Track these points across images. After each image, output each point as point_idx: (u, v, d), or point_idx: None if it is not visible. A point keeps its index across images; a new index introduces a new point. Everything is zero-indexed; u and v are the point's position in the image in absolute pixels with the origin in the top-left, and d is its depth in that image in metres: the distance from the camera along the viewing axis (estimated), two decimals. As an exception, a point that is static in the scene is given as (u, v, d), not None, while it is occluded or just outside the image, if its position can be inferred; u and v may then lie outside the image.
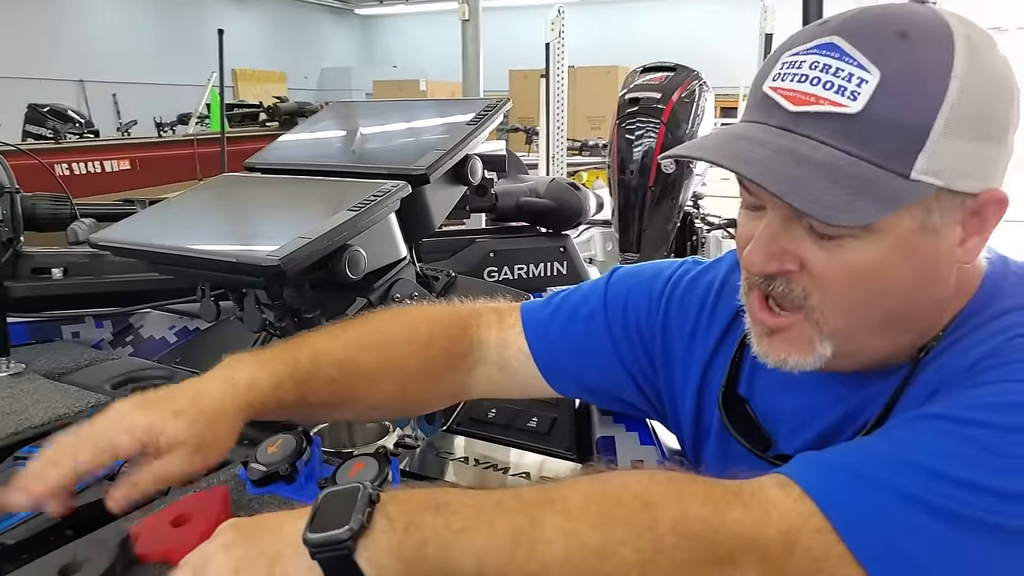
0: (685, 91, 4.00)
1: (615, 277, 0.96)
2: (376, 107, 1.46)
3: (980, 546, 0.53)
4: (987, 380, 0.61)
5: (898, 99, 0.60)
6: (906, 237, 0.63)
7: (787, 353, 0.70)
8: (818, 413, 0.77)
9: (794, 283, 0.67)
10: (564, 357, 0.94)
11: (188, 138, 5.58)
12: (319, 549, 0.57)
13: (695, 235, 4.52)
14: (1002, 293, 0.69)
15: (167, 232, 1.08)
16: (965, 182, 0.62)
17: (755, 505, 0.56)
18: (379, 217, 1.04)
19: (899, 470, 0.56)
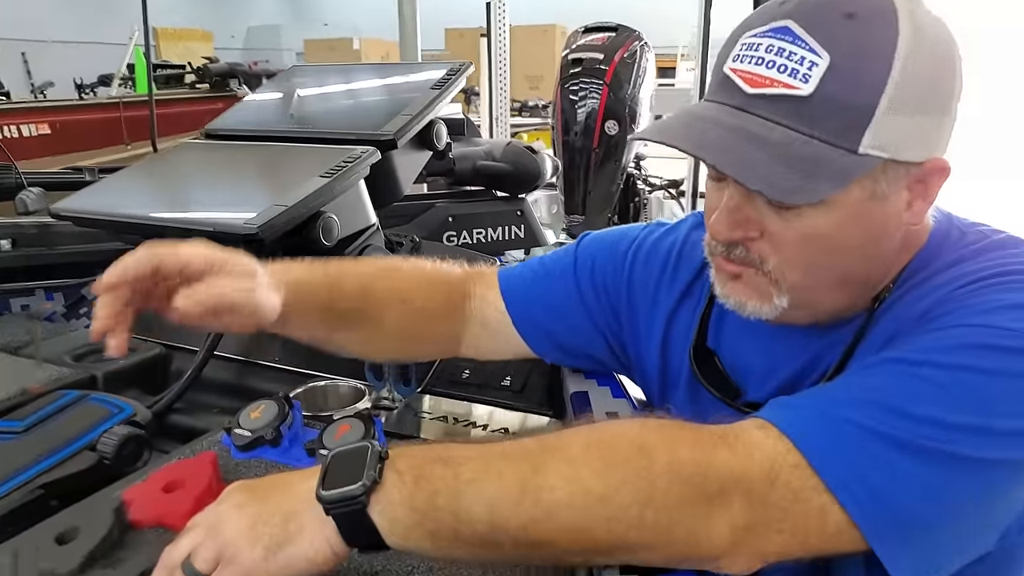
0: (627, 52, 4.03)
1: (584, 241, 1.02)
2: (338, 70, 1.44)
3: (934, 472, 0.59)
4: (937, 327, 0.67)
5: (846, 80, 0.65)
6: (857, 206, 0.68)
7: (747, 297, 0.76)
8: (782, 362, 0.83)
9: (753, 250, 0.73)
10: (539, 316, 1.00)
11: (113, 100, 5.31)
12: (333, 505, 0.59)
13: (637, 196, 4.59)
14: (946, 247, 0.76)
15: (134, 201, 1.06)
16: (909, 153, 0.67)
17: (739, 446, 0.62)
18: (351, 183, 1.04)
19: (863, 409, 0.62)
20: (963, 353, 0.62)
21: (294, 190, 0.96)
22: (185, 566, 0.60)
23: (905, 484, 0.59)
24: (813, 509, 0.60)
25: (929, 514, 0.60)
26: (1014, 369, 0.61)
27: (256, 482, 0.66)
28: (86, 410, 0.99)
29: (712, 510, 0.59)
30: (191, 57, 7.03)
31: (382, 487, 0.60)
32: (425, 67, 1.31)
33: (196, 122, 5.26)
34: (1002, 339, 0.62)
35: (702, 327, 0.90)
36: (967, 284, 0.69)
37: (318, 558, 0.60)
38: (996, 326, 0.63)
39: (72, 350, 1.23)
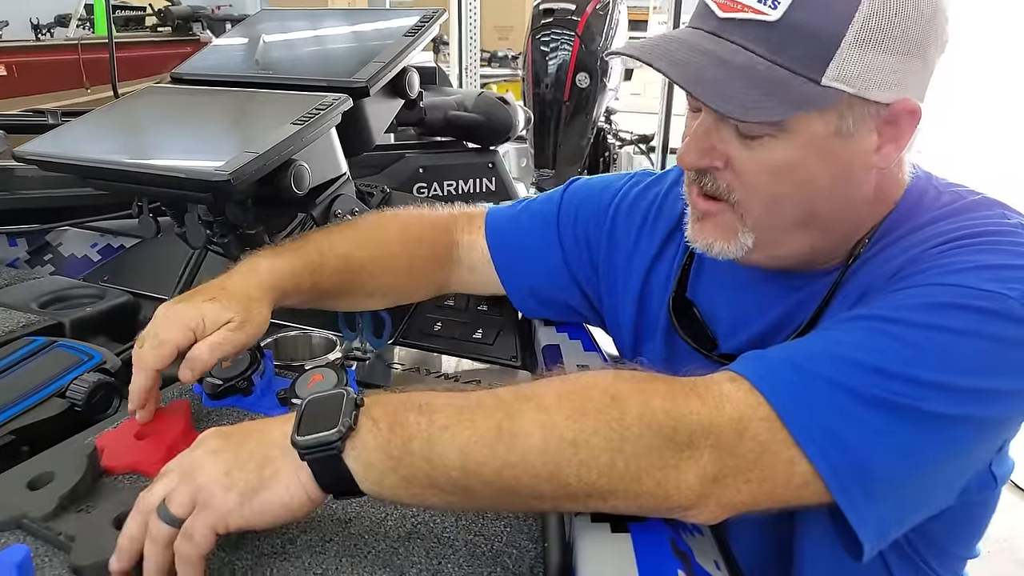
0: (599, 3, 4.00)
1: (571, 188, 1.05)
2: (308, 15, 1.40)
3: (902, 428, 0.61)
4: (908, 285, 0.68)
5: (813, 9, 0.66)
6: (820, 140, 0.70)
7: (713, 238, 0.78)
8: (756, 314, 0.85)
9: (720, 179, 0.75)
10: (517, 258, 1.03)
11: (71, 43, 5.12)
12: (308, 451, 0.60)
13: (608, 151, 4.58)
14: (922, 207, 0.77)
15: (101, 146, 1.04)
16: (877, 92, 0.68)
17: (709, 397, 0.63)
18: (322, 131, 1.03)
19: (834, 364, 0.63)
20: (935, 312, 0.64)
21: (265, 137, 0.95)
22: (160, 510, 0.60)
23: (873, 439, 0.61)
24: (781, 461, 0.61)
25: (894, 468, 0.61)
26: (984, 330, 0.63)
27: (231, 428, 0.67)
28: (55, 357, 0.98)
29: (681, 460, 0.60)
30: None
31: (357, 433, 0.61)
32: (397, 14, 1.29)
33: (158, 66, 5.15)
34: (974, 299, 0.63)
35: (682, 278, 0.92)
36: (941, 244, 0.71)
37: (293, 503, 0.61)
38: (968, 286, 0.64)
39: (38, 297, 1.22)
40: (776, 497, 0.63)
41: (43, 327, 1.10)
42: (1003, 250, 0.68)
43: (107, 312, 1.20)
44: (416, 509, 0.72)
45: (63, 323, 1.13)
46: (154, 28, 5.85)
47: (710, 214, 0.78)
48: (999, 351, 0.63)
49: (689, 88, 0.69)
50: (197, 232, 1.04)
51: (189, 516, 0.60)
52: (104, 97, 3.77)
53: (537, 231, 1.03)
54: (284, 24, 1.37)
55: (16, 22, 6.90)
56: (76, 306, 1.21)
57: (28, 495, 0.71)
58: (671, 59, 0.70)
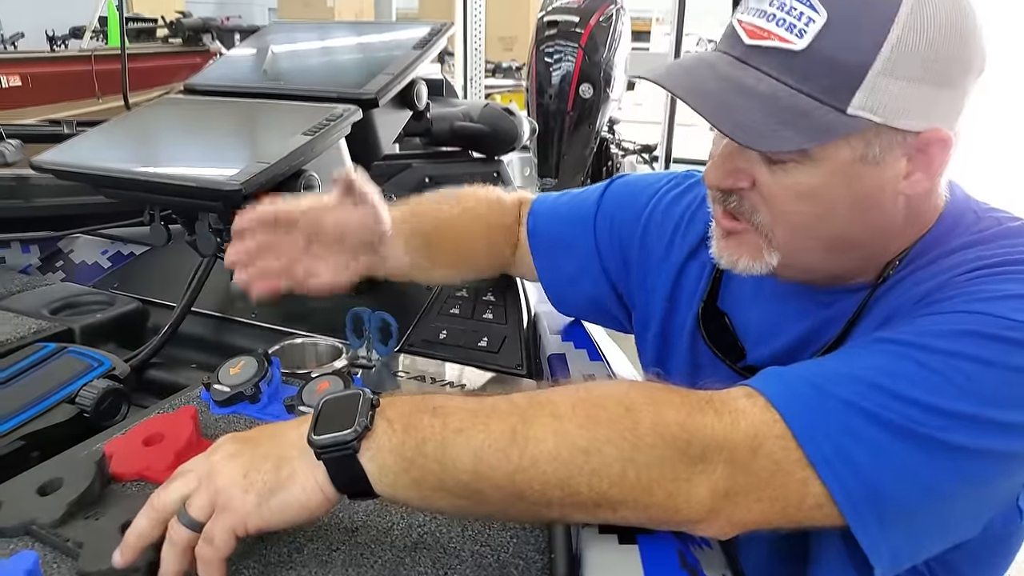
0: (603, 15, 4.03)
1: (615, 184, 1.08)
2: (319, 28, 1.42)
3: (919, 456, 0.60)
4: (935, 311, 0.67)
5: (840, 39, 0.65)
6: (847, 166, 0.69)
7: (739, 255, 0.78)
8: (784, 327, 0.84)
9: (746, 198, 0.75)
10: (553, 252, 1.07)
11: (85, 54, 5.18)
12: (324, 450, 0.61)
13: (611, 160, 4.60)
14: (958, 231, 0.76)
15: (116, 155, 1.05)
16: (906, 120, 0.67)
17: (725, 412, 0.62)
18: (332, 142, 1.04)
19: (852, 386, 0.62)
20: (960, 339, 0.62)
21: (277, 147, 0.97)
22: (180, 515, 0.61)
23: (888, 465, 0.60)
24: (794, 481, 0.60)
25: (909, 497, 0.60)
26: (1011, 361, 0.61)
27: (246, 433, 0.67)
28: (65, 363, 0.99)
29: (693, 473, 0.60)
30: (163, 11, 6.86)
31: (373, 433, 0.61)
32: (406, 26, 1.31)
33: (168, 76, 5.20)
34: (1002, 329, 0.62)
35: (714, 286, 0.92)
36: (973, 270, 0.69)
37: (310, 503, 0.61)
38: (997, 315, 0.63)
39: (49, 303, 1.23)
40: (788, 517, 0.62)
41: (53, 333, 1.12)
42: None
43: (116, 319, 1.21)
44: (422, 518, 0.73)
45: (73, 329, 1.14)
46: (165, 39, 5.91)
47: (735, 232, 0.77)
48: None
49: (710, 119, 0.68)
50: (207, 240, 1.06)
51: (209, 519, 0.61)
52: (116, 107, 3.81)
53: (575, 223, 1.06)
54: (294, 36, 1.39)
55: (32, 34, 6.99)
56: (86, 312, 1.22)
57: (37, 501, 0.71)
58: (693, 88, 0.70)
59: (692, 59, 0.75)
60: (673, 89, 0.71)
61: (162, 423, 0.85)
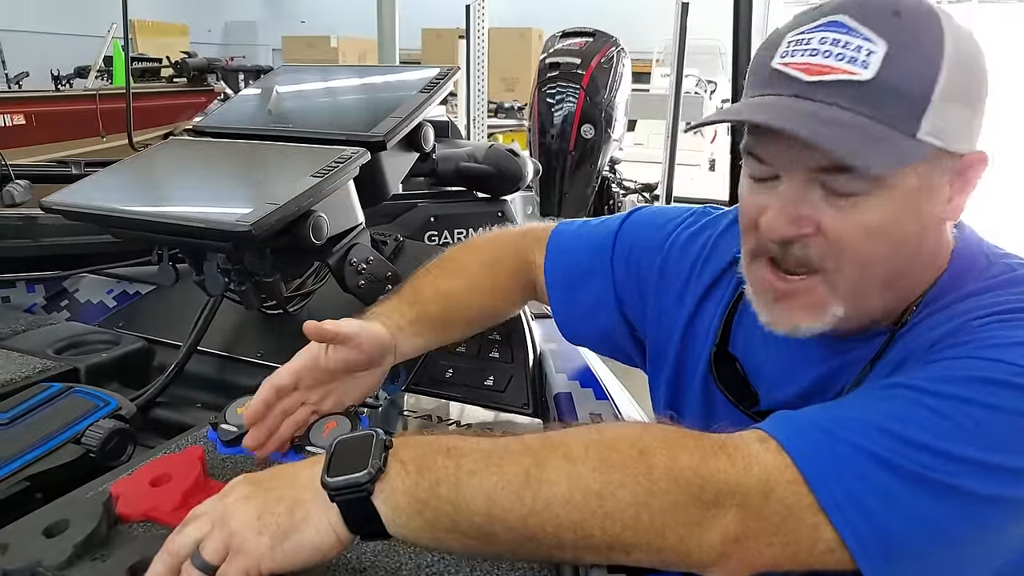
0: (604, 57, 4.09)
1: (634, 215, 1.07)
2: (326, 71, 1.45)
3: (930, 501, 0.60)
4: (946, 356, 0.67)
5: (904, 67, 0.67)
6: (912, 194, 0.70)
7: (799, 319, 0.75)
8: (799, 373, 0.83)
9: (812, 246, 0.72)
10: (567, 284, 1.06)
11: (89, 92, 5.24)
12: (338, 492, 0.61)
13: (612, 199, 4.63)
14: (971, 275, 0.76)
15: (125, 196, 1.06)
16: (959, 144, 0.70)
17: (738, 457, 0.62)
18: (341, 183, 1.05)
19: (864, 431, 0.62)
20: (970, 386, 0.63)
21: (285, 189, 0.98)
22: (194, 558, 0.61)
23: (899, 510, 0.60)
24: (806, 526, 0.61)
25: (920, 543, 0.60)
26: (1021, 407, 0.61)
27: (259, 475, 0.68)
28: (71, 403, 0.99)
29: (706, 518, 0.60)
30: (168, 51, 6.96)
31: (386, 475, 0.62)
32: (413, 70, 1.33)
33: (173, 115, 5.26)
34: (1012, 376, 0.62)
35: (725, 330, 0.91)
36: (985, 316, 0.70)
37: (324, 545, 0.62)
38: (1008, 362, 0.63)
39: (53, 343, 1.23)
40: (799, 562, 0.62)
41: (58, 373, 1.11)
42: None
43: (121, 358, 1.21)
44: (431, 558, 0.72)
45: (78, 369, 1.14)
46: (170, 79, 5.98)
47: (795, 293, 0.75)
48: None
49: (807, 136, 0.66)
50: (215, 280, 1.06)
51: (223, 563, 0.61)
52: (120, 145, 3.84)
53: (592, 252, 1.05)
54: (302, 79, 1.41)
55: (37, 73, 7.09)
56: (91, 352, 1.22)
57: (44, 543, 0.71)
58: (777, 116, 0.69)
59: (744, 104, 0.74)
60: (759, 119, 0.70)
61: (169, 463, 0.84)
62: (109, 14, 4.74)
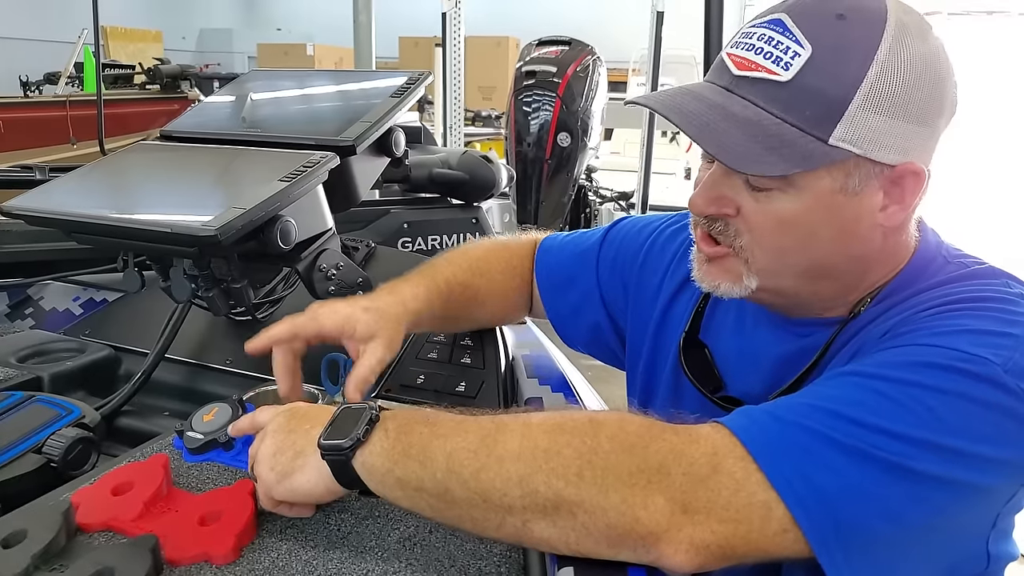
0: (580, 65, 4.13)
1: (620, 223, 1.13)
2: (297, 76, 1.44)
3: (877, 480, 0.61)
4: (896, 344, 0.70)
5: (823, 73, 0.70)
6: (827, 196, 0.73)
7: (720, 280, 0.81)
8: (762, 357, 0.87)
9: (730, 224, 0.78)
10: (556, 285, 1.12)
11: (59, 99, 5.16)
12: (326, 452, 0.70)
13: (588, 207, 4.66)
14: (927, 273, 0.79)
15: (89, 201, 1.05)
16: (883, 153, 0.71)
17: (684, 433, 0.65)
18: (309, 188, 1.05)
19: (811, 414, 0.64)
20: (917, 370, 0.65)
21: (253, 193, 0.97)
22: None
23: (848, 488, 0.61)
24: (757, 503, 0.61)
25: (869, 521, 0.61)
26: (968, 392, 0.63)
27: (298, 410, 0.78)
28: (33, 412, 0.97)
29: (651, 482, 0.62)
30: (141, 57, 6.88)
31: (368, 443, 0.69)
32: (384, 75, 1.32)
33: (145, 123, 5.20)
34: (958, 361, 0.64)
35: (695, 319, 0.95)
36: (933, 307, 0.72)
37: (315, 491, 0.72)
38: (956, 348, 0.65)
39: (17, 351, 1.21)
40: (752, 543, 0.62)
41: (21, 381, 1.09)
42: (993, 316, 0.69)
43: (87, 366, 1.19)
44: (398, 566, 0.72)
45: (42, 377, 1.12)
46: (143, 86, 5.91)
47: (716, 257, 0.81)
48: (980, 414, 0.63)
49: (695, 138, 0.72)
50: (182, 286, 1.05)
51: None
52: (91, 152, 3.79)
53: (579, 257, 1.11)
54: (273, 84, 1.40)
55: (4, 79, 6.98)
56: (56, 360, 1.20)
57: (1, 553, 0.69)
58: (681, 110, 0.74)
59: (680, 88, 0.78)
60: (661, 110, 0.75)
61: (132, 471, 0.83)
62: (80, 19, 4.68)
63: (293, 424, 0.75)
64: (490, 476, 0.64)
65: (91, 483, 0.82)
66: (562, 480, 0.62)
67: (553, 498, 0.62)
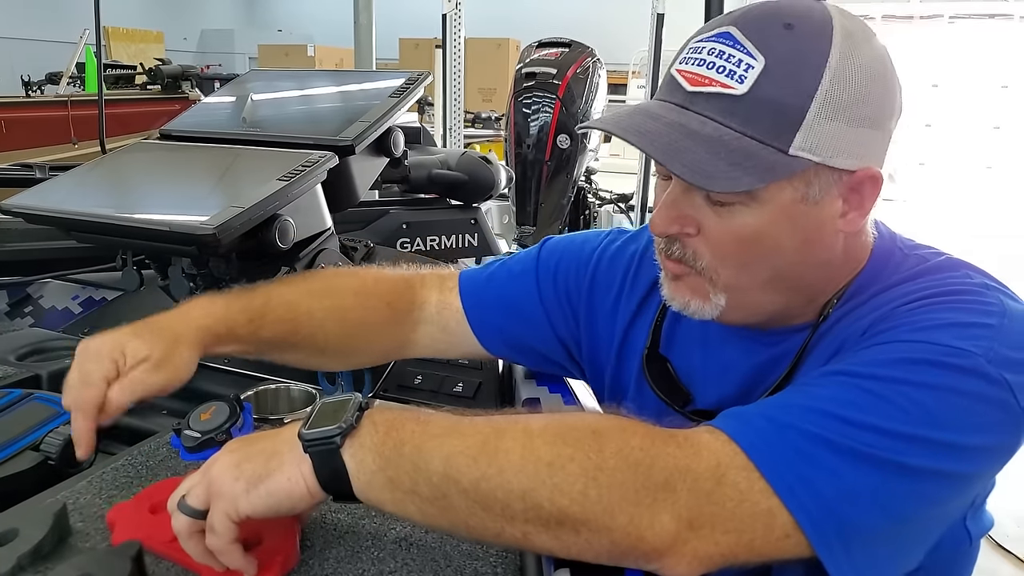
0: (580, 67, 4.12)
1: (548, 244, 1.05)
2: (296, 76, 1.44)
3: (876, 478, 0.62)
4: (879, 341, 0.70)
5: (779, 84, 0.69)
6: (789, 206, 0.72)
7: (689, 297, 0.79)
8: (731, 370, 0.86)
9: (688, 246, 0.76)
10: (494, 314, 1.03)
11: (61, 99, 5.17)
12: (311, 443, 0.64)
13: (588, 209, 4.65)
14: (888, 269, 0.79)
15: (89, 199, 1.05)
16: (841, 160, 0.71)
17: (687, 445, 0.64)
18: (308, 187, 1.05)
19: (807, 416, 0.64)
20: (905, 367, 0.65)
21: (251, 192, 0.97)
22: (180, 504, 0.66)
23: (848, 489, 0.61)
24: (760, 512, 0.61)
25: (870, 519, 0.62)
26: (955, 386, 0.64)
27: (248, 435, 0.72)
28: (30, 409, 0.96)
29: (656, 500, 0.61)
30: (142, 58, 6.90)
31: (357, 432, 0.65)
32: (383, 75, 1.33)
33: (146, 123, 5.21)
34: (942, 356, 0.65)
35: (655, 334, 0.93)
36: (909, 302, 0.73)
37: (294, 493, 0.65)
38: (937, 343, 0.66)
39: (16, 349, 1.21)
40: (755, 550, 0.62)
41: (20, 379, 1.09)
42: (968, 309, 0.70)
43: (86, 365, 1.19)
44: (394, 565, 0.72)
45: (40, 375, 1.12)
46: (144, 86, 5.92)
47: (684, 276, 0.79)
48: (969, 406, 0.64)
49: (661, 159, 0.71)
50: (181, 285, 1.05)
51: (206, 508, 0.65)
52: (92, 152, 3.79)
53: (515, 283, 1.03)
54: (273, 84, 1.41)
55: (6, 79, 6.99)
56: (54, 358, 1.20)
57: None
58: (641, 131, 0.72)
59: (633, 108, 0.77)
60: (619, 132, 0.74)
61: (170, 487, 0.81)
62: (82, 20, 4.70)
63: (251, 439, 0.70)
64: (491, 487, 0.62)
65: (128, 500, 0.80)
66: (566, 498, 0.60)
67: (557, 514, 0.61)
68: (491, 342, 1.03)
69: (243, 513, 0.64)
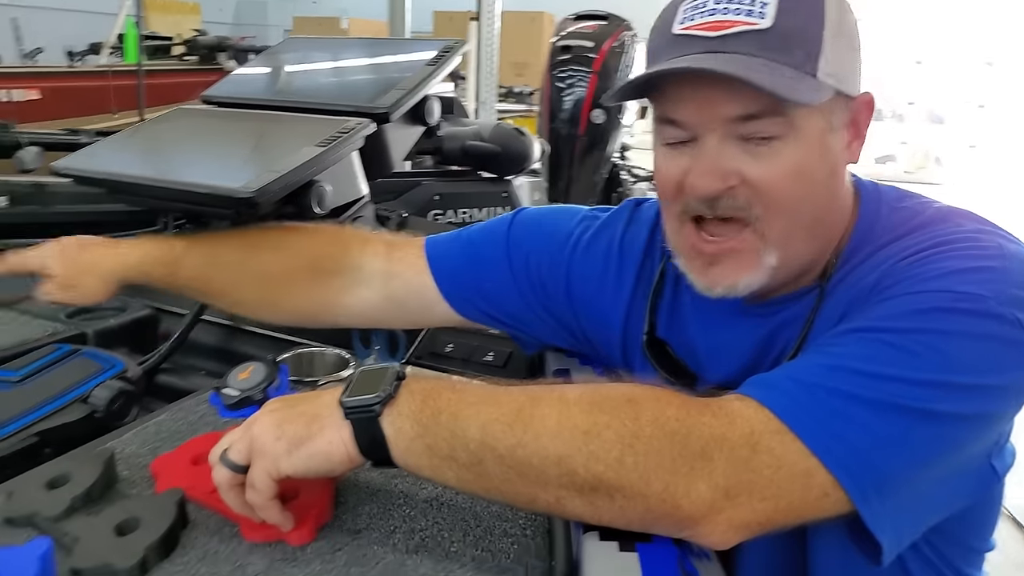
0: (616, 41, 4.06)
1: (519, 219, 1.01)
2: (332, 43, 1.45)
3: (903, 427, 0.63)
4: (887, 297, 0.71)
5: (795, 11, 0.70)
6: (819, 136, 0.73)
7: (736, 276, 0.77)
8: (736, 344, 0.85)
9: (739, 196, 0.74)
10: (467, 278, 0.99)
11: (102, 69, 5.25)
12: (352, 410, 0.67)
13: (621, 186, 4.61)
14: (880, 227, 0.79)
15: (133, 162, 1.08)
16: (848, 85, 0.73)
17: (722, 414, 0.64)
18: (344, 154, 1.07)
19: (832, 375, 0.65)
20: (918, 317, 0.67)
21: (289, 158, 0.99)
22: (222, 458, 0.69)
23: (881, 442, 0.62)
24: (798, 473, 0.62)
25: (903, 469, 0.63)
26: (971, 330, 0.65)
27: (288, 396, 0.74)
28: (79, 364, 1.01)
29: (693, 469, 0.61)
30: (179, 29, 6.95)
31: (395, 401, 0.66)
32: (419, 44, 1.33)
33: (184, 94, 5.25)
34: (956, 302, 0.66)
35: (651, 317, 0.91)
36: (910, 255, 0.73)
37: (334, 457, 0.67)
38: (948, 290, 0.67)
39: (65, 308, 1.25)
40: (793, 513, 0.63)
41: (68, 336, 1.14)
42: (969, 255, 0.70)
43: (129, 324, 1.23)
44: (425, 523, 0.74)
45: (87, 333, 1.16)
46: (181, 57, 5.98)
47: (726, 252, 0.76)
48: (985, 347, 0.65)
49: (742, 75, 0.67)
50: (220, 248, 1.07)
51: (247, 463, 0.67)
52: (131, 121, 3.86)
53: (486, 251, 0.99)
54: (309, 52, 1.42)
55: (52, 49, 7.10)
56: (100, 318, 1.24)
57: (45, 495, 0.73)
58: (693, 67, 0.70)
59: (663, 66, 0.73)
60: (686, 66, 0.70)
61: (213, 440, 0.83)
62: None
63: (292, 401, 0.72)
64: (527, 453, 0.62)
65: (171, 451, 0.83)
66: (602, 464, 0.61)
67: (592, 480, 0.61)
68: (465, 308, 1.01)
69: (283, 472, 0.66)
